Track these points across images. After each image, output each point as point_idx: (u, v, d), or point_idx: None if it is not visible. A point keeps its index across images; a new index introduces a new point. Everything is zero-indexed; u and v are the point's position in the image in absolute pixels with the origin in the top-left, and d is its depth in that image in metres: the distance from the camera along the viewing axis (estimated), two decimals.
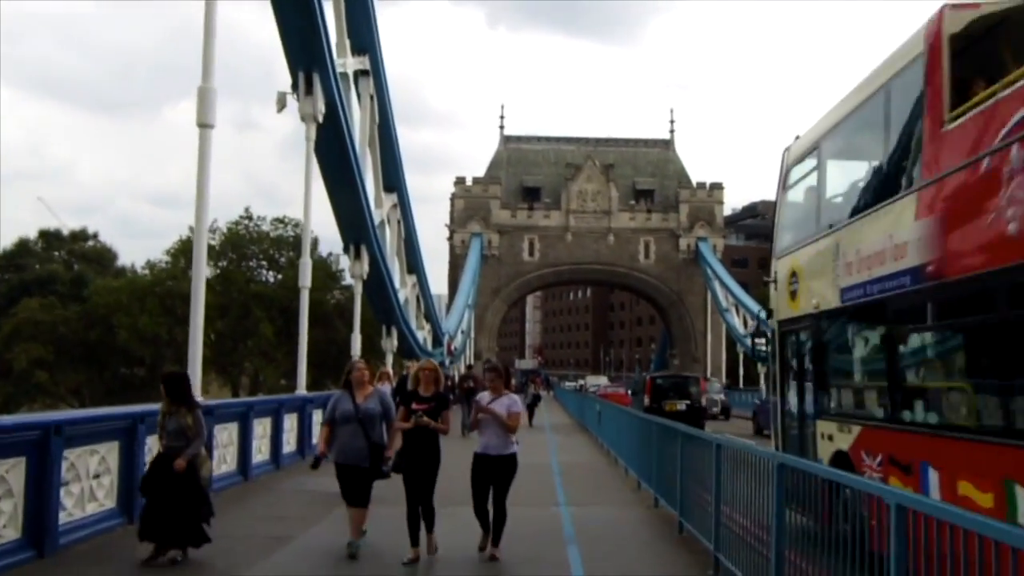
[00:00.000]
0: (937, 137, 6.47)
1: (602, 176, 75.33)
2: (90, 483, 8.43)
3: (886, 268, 7.06)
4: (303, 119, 17.24)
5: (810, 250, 9.26)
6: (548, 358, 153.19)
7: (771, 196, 13.19)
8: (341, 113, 18.67)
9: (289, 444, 15.58)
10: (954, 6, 6.55)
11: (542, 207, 75.19)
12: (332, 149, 19.10)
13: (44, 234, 70.91)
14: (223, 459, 12.27)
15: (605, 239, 74.51)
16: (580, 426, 28.72)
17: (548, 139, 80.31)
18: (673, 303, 74.68)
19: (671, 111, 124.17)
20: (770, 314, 10.73)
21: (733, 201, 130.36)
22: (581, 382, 70.56)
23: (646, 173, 78.22)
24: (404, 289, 32.10)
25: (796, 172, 10.15)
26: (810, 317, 9.06)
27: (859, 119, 8.40)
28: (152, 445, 8.74)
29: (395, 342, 31.21)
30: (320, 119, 17.35)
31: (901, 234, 6.83)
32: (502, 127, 79.74)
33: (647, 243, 74.91)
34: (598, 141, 79.53)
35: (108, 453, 8.77)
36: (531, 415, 28.67)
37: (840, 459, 7.98)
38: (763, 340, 11.75)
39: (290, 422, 15.74)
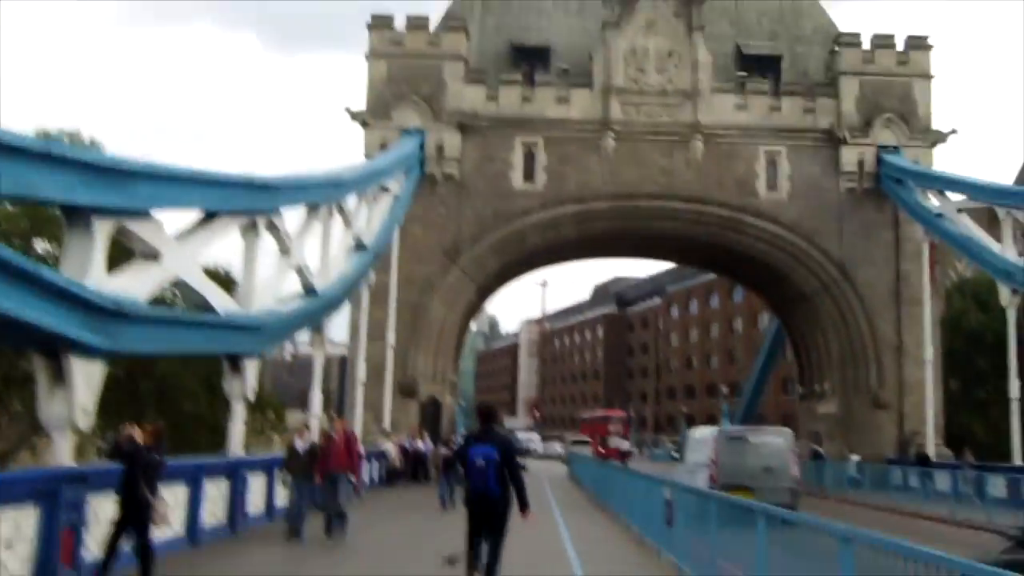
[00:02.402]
0: None
1: (678, 23, 36.48)
2: None
3: None
4: None
5: None
6: (547, 415, 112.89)
7: None
8: None
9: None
10: None
11: (552, 82, 36.13)
12: None
13: None
14: None
15: (685, 148, 35.29)
16: None
17: None
18: (826, 285, 35.05)
19: None
20: None
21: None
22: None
23: (760, 30, 39.39)
24: None
25: None
26: None
27: None
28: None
29: None
30: None
31: None
32: None
33: (772, 157, 35.70)
34: None
35: None
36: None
37: None
38: None
39: None
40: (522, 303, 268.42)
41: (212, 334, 12.39)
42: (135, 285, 10.52)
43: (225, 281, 22.73)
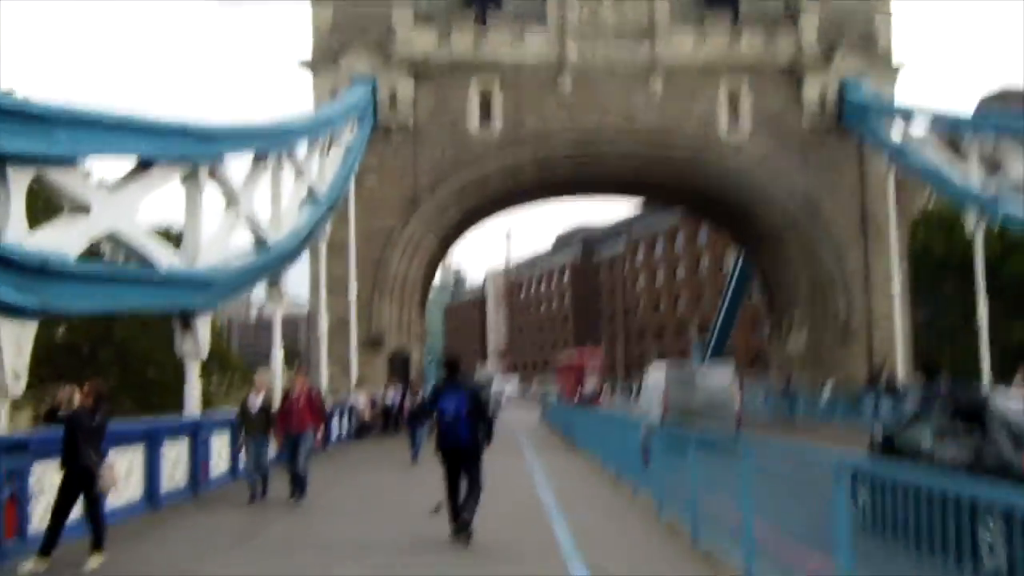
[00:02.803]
0: None
1: None
2: None
3: None
4: None
5: None
6: (517, 362, 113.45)
7: None
8: None
9: None
10: None
11: (508, 21, 34.98)
12: None
13: None
14: None
15: (644, 86, 34.51)
16: None
17: None
18: (793, 220, 34.81)
19: None
20: None
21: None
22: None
23: None
24: None
25: None
26: None
27: None
28: None
29: None
30: None
31: None
32: None
33: (734, 93, 35.05)
34: None
35: None
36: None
37: None
38: None
39: None
40: (486, 254, 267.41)
41: (155, 290, 11.55)
42: (63, 240, 9.69)
43: (176, 239, 21.82)
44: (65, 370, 27.73)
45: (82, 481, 7.79)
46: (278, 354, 18.70)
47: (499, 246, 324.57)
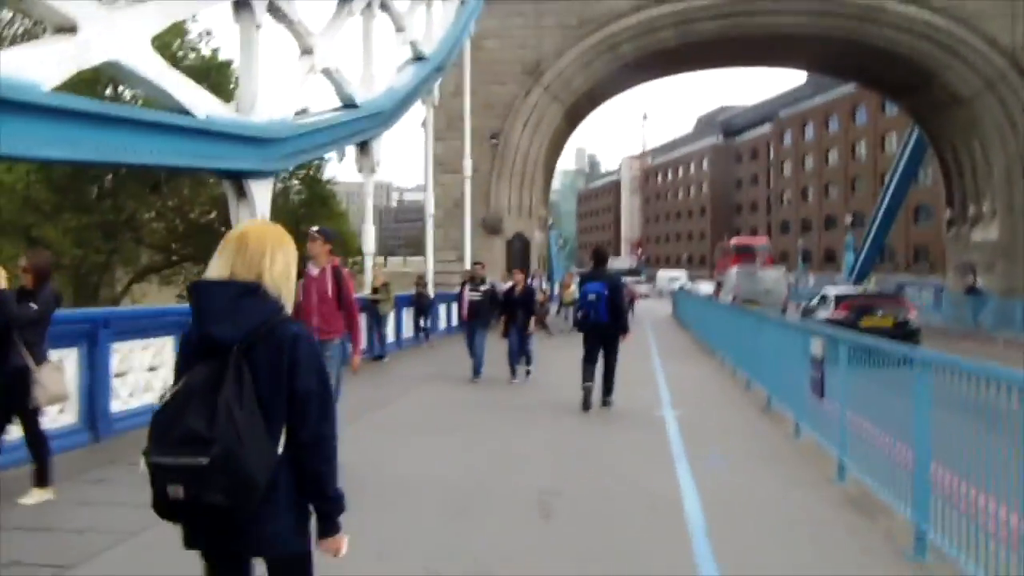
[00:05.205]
0: None
1: None
2: None
3: None
4: None
5: None
6: (652, 254, 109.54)
7: None
8: None
9: None
10: None
11: None
12: None
13: None
14: None
15: None
16: None
17: None
18: (991, 82, 28.93)
19: None
20: None
21: None
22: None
23: None
24: None
25: None
26: None
27: None
28: None
29: None
30: None
31: None
32: None
33: None
34: None
35: None
36: None
37: None
38: None
39: None
40: (623, 140, 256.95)
41: (183, 142, 9.06)
42: (36, 65, 7.32)
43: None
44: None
45: (14, 391, 5.50)
46: (370, 231, 16.31)
47: (636, 131, 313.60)
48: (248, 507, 2.15)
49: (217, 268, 2.31)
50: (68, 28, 7.80)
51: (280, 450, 2.23)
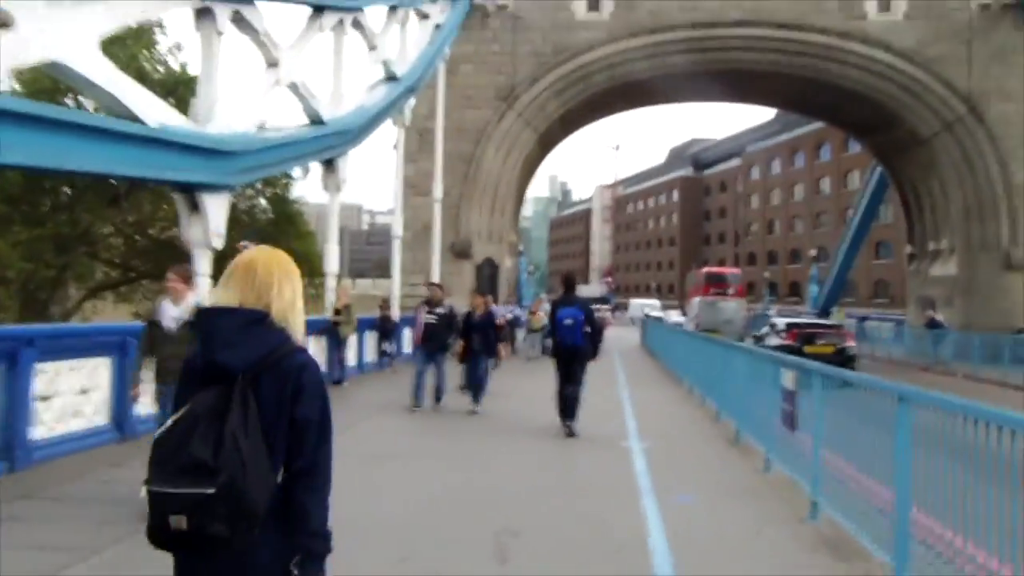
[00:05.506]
0: None
1: None
2: None
3: None
4: None
5: None
6: (621, 283, 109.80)
7: None
8: None
9: None
10: None
11: None
12: None
13: None
14: None
15: None
16: None
17: None
18: (949, 124, 29.38)
19: None
20: None
21: None
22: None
23: None
24: None
25: None
26: None
27: None
28: None
29: None
30: None
31: None
32: None
33: None
34: None
35: None
36: None
37: None
38: None
39: None
40: (595, 169, 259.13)
41: (132, 150, 8.61)
42: None
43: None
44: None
45: None
46: (333, 251, 15.88)
47: (609, 159, 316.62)
48: (247, 538, 2.08)
49: (224, 295, 2.30)
50: (4, 23, 7.37)
51: (279, 479, 2.19)
